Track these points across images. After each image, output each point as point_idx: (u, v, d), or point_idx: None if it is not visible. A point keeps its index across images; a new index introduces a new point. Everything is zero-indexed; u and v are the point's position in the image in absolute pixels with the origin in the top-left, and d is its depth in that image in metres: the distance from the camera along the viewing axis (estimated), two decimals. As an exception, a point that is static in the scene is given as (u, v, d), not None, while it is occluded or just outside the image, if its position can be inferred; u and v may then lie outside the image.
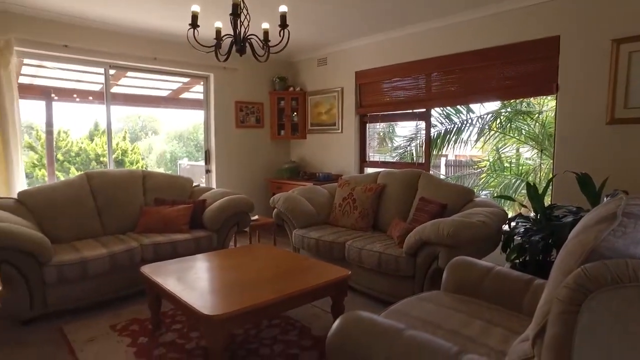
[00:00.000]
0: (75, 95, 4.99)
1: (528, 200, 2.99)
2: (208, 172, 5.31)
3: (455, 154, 7.35)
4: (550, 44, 3.30)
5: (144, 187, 3.85)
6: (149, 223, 3.49)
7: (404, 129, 5.70)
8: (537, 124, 5.41)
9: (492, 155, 5.95)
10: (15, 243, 2.50)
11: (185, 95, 5.89)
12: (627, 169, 2.94)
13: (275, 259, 2.82)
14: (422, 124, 4.57)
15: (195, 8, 2.58)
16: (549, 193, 3.35)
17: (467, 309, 1.83)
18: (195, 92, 5.54)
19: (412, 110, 4.55)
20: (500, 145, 5.73)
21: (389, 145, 5.81)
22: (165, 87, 5.66)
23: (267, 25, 2.80)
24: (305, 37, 4.68)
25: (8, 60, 3.53)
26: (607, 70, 3.00)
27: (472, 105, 5.39)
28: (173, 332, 2.58)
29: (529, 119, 5.48)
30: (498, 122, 5.66)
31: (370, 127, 5.13)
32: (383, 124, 5.31)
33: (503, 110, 5.63)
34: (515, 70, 3.60)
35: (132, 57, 4.38)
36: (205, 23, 3.28)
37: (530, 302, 1.79)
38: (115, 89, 4.95)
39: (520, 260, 2.85)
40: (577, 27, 3.15)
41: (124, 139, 7.68)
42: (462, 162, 7.47)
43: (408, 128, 5.61)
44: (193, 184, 4.24)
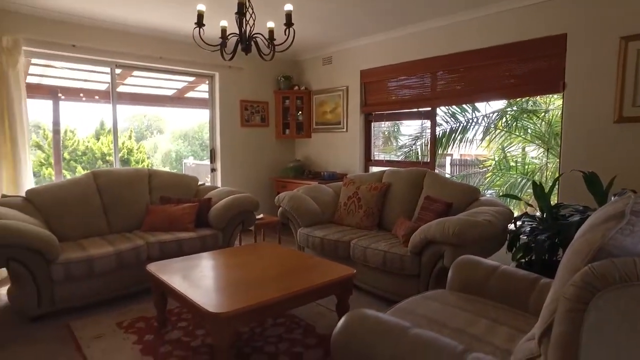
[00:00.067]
0: (82, 95, 5.02)
1: (534, 200, 2.97)
2: (213, 170, 5.33)
3: (461, 153, 7.31)
4: (557, 42, 3.28)
5: (150, 185, 3.88)
6: (155, 221, 3.51)
7: (409, 128, 5.68)
8: (543, 123, 5.37)
9: (497, 154, 5.92)
10: (24, 241, 2.53)
11: (191, 95, 5.91)
12: (635, 168, 2.91)
13: (280, 258, 2.83)
14: (427, 123, 4.56)
15: (201, 7, 2.59)
16: (555, 192, 3.33)
17: (472, 308, 1.83)
18: (201, 91, 5.56)
19: (417, 109, 4.53)
20: (506, 144, 5.69)
21: (394, 144, 5.80)
22: (171, 86, 5.68)
23: (272, 24, 2.80)
24: (311, 35, 4.69)
25: (16, 60, 3.56)
26: (615, 68, 2.97)
27: (477, 104, 5.36)
28: (179, 329, 2.59)
29: (535, 118, 5.44)
30: (504, 120, 5.63)
31: (375, 125, 5.12)
32: (388, 123, 5.30)
33: (509, 109, 5.59)
34: (522, 69, 3.58)
35: (138, 56, 4.41)
36: (211, 22, 3.29)
37: (536, 301, 1.78)
38: (121, 88, 4.99)
39: (526, 260, 2.83)
40: (584, 24, 3.13)
41: (130, 138, 7.72)
42: (467, 161, 7.44)
43: (413, 127, 5.60)
44: (198, 183, 4.25)
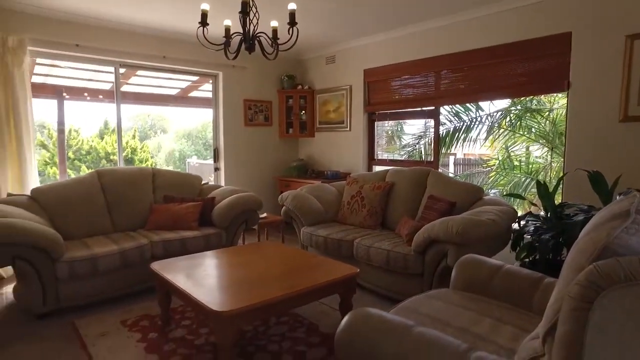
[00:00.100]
0: (86, 94, 5.04)
1: (538, 199, 2.96)
2: (217, 170, 5.34)
3: (464, 153, 7.30)
4: (562, 41, 3.26)
5: (154, 184, 3.89)
6: (159, 220, 3.53)
7: (413, 127, 5.68)
8: (547, 122, 5.35)
9: (501, 154, 5.90)
10: (29, 239, 2.54)
11: (194, 94, 5.92)
12: (640, 167, 2.90)
13: (284, 257, 2.83)
14: (430, 122, 4.55)
15: (205, 6, 2.60)
16: (560, 191, 3.31)
17: (476, 307, 1.83)
18: (204, 90, 5.57)
19: (421, 108, 4.52)
20: (510, 144, 5.67)
21: (397, 144, 5.79)
22: (174, 85, 5.70)
23: (276, 23, 2.80)
24: (314, 35, 4.68)
25: (22, 60, 3.58)
26: (620, 67, 2.96)
27: (481, 103, 5.35)
28: (182, 328, 2.60)
29: (539, 117, 5.42)
30: (507, 120, 5.61)
31: (379, 125, 5.12)
32: (391, 122, 5.29)
33: (513, 108, 5.57)
34: (526, 68, 3.56)
35: (142, 55, 4.43)
36: (215, 21, 3.30)
37: (540, 300, 1.77)
38: (125, 88, 5.00)
39: (530, 259, 2.82)
40: (589, 23, 3.11)
41: (134, 138, 7.75)
42: (471, 160, 7.42)
43: (417, 126, 5.59)
44: (202, 182, 4.27)
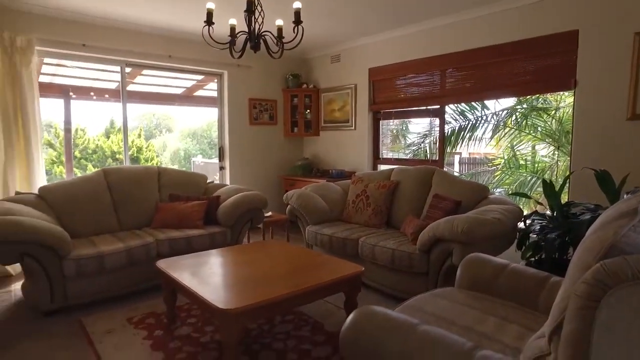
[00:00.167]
0: (92, 94, 5.08)
1: (544, 198, 2.95)
2: (222, 169, 5.36)
3: (470, 152, 7.27)
4: (569, 38, 3.24)
5: (159, 183, 3.91)
6: (165, 219, 3.55)
7: (418, 126, 5.67)
8: (553, 121, 5.32)
9: (507, 153, 5.87)
10: (37, 237, 2.57)
11: (199, 93, 5.94)
12: (648, 166, 2.87)
13: (289, 255, 2.84)
14: (436, 121, 4.54)
15: (210, 5, 2.61)
16: (566, 190, 3.29)
17: (481, 306, 1.82)
18: (209, 89, 5.59)
19: (426, 107, 4.51)
20: (516, 143, 5.64)
21: (403, 143, 5.78)
22: (180, 84, 5.73)
23: (281, 22, 2.81)
24: (319, 33, 4.68)
25: (29, 60, 3.62)
26: (628, 65, 2.92)
27: (487, 102, 5.32)
28: (188, 325, 2.62)
29: (546, 116, 5.39)
30: (513, 118, 5.58)
31: (384, 124, 5.11)
32: (396, 121, 5.28)
33: (518, 107, 5.55)
34: (532, 66, 3.54)
35: (147, 55, 4.45)
36: (220, 20, 3.31)
37: (546, 299, 1.76)
38: (131, 87, 5.03)
39: (536, 258, 2.81)
40: (597, 20, 3.08)
41: (139, 137, 7.80)
42: (476, 159, 7.39)
43: (422, 125, 5.58)
44: (207, 181, 4.29)
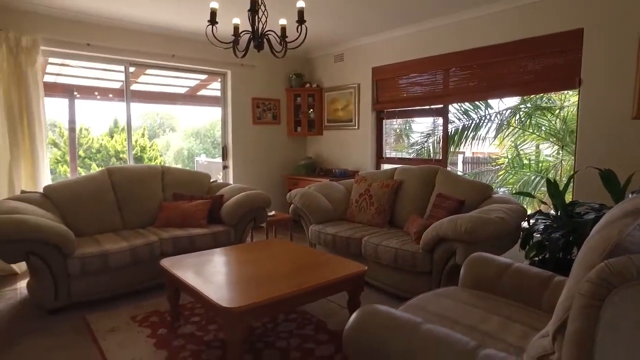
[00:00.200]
0: (96, 93, 5.10)
1: (548, 197, 2.94)
2: (225, 168, 5.37)
3: (473, 151, 7.26)
4: (573, 37, 3.22)
5: (163, 182, 3.93)
6: (168, 218, 3.56)
7: (421, 125, 5.66)
8: (557, 120, 5.29)
9: (510, 152, 5.85)
10: (42, 236, 2.59)
11: (203, 92, 5.96)
12: (653, 165, 2.85)
13: (292, 254, 2.84)
14: (439, 120, 4.53)
15: (214, 5, 2.61)
16: (570, 190, 3.28)
17: (484, 305, 1.82)
18: (213, 89, 5.60)
19: (429, 107, 4.50)
20: (520, 142, 5.62)
21: (406, 142, 5.77)
22: (183, 84, 5.74)
23: (284, 21, 2.81)
24: (323, 33, 4.68)
25: (34, 60, 3.64)
26: (634, 63, 2.90)
27: (490, 101, 5.31)
28: (192, 324, 2.63)
29: (550, 115, 5.36)
30: (517, 118, 5.56)
31: (387, 123, 5.11)
32: (400, 120, 5.27)
33: (522, 106, 5.53)
34: (536, 65, 3.53)
35: (151, 54, 4.46)
36: (224, 20, 3.31)
37: (550, 298, 1.76)
38: (135, 87, 5.05)
39: (540, 258, 2.80)
40: (602, 19, 3.07)
41: (143, 136, 7.81)
42: (479, 159, 7.38)
43: (425, 124, 5.57)
44: (210, 180, 4.30)
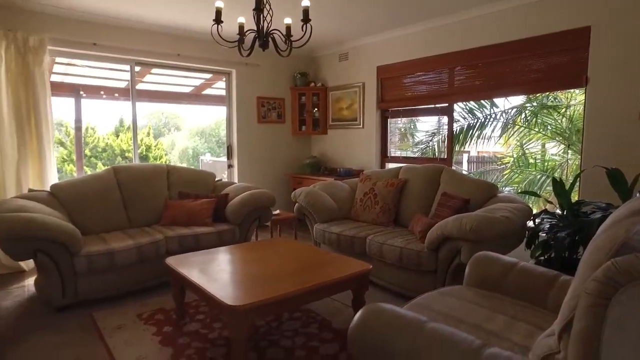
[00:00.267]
0: (102, 92, 5.13)
1: (554, 197, 2.92)
2: (230, 167, 5.39)
3: (478, 150, 7.22)
4: (580, 35, 3.20)
5: (168, 181, 3.95)
6: (174, 216, 3.58)
7: (426, 124, 5.64)
8: (564, 119, 5.25)
9: (516, 151, 5.82)
10: (49, 234, 2.61)
11: (208, 92, 5.98)
12: (660, 164, 2.83)
13: (297, 253, 2.85)
14: (444, 119, 4.51)
15: (220, 4, 2.62)
16: (576, 189, 3.26)
17: (490, 304, 1.81)
18: (218, 88, 5.61)
19: (434, 105, 4.49)
20: (525, 141, 5.59)
21: (411, 141, 5.76)
22: (188, 83, 5.77)
23: (289, 20, 2.81)
24: (327, 32, 4.68)
25: (42, 59, 3.67)
26: (641, 62, 2.89)
27: (496, 100, 5.28)
28: (197, 322, 2.64)
29: (556, 114, 5.33)
30: (523, 116, 5.52)
31: (392, 122, 5.10)
32: (404, 119, 5.26)
33: (528, 105, 5.49)
34: (542, 63, 3.50)
35: (156, 53, 4.48)
36: (229, 19, 3.32)
37: (556, 298, 1.75)
38: (140, 86, 5.07)
39: (546, 257, 2.79)
40: (610, 17, 3.04)
41: (148, 135, 7.86)
42: (484, 158, 7.34)
43: (430, 123, 5.55)
44: (216, 179, 4.31)
